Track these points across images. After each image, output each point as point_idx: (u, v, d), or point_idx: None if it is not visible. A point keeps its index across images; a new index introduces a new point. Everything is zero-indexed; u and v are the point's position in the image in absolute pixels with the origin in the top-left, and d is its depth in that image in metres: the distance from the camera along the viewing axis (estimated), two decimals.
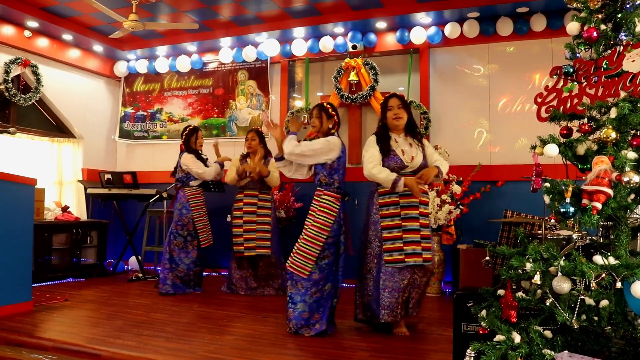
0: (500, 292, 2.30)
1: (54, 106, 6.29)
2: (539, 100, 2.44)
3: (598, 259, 1.99)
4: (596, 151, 2.23)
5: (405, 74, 5.65)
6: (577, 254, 2.06)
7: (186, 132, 5.01)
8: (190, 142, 4.99)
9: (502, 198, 5.06)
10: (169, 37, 6.36)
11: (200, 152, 5.05)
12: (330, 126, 3.54)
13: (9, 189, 3.82)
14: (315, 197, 3.49)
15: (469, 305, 2.47)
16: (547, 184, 2.22)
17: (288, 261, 3.43)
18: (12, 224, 3.83)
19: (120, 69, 6.99)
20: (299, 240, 3.42)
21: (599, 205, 2.02)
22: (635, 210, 2.13)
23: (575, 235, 2.26)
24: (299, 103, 6.26)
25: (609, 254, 2.05)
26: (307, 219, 3.47)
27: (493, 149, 5.30)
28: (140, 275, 5.66)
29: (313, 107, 3.64)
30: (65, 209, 5.89)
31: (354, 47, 5.69)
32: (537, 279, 2.04)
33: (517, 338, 2.02)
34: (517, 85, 5.26)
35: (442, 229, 4.92)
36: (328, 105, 3.59)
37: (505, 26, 5.19)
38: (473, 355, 2.07)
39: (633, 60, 2.15)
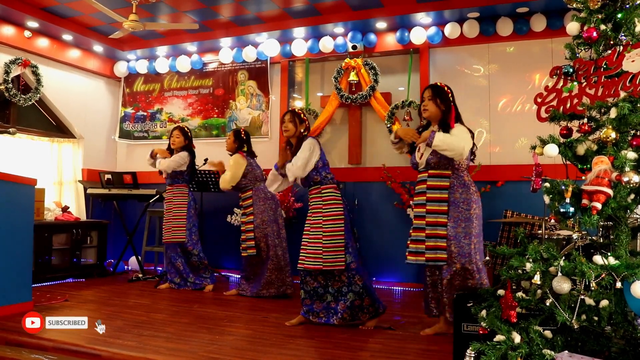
0: (500, 292, 2.30)
1: (54, 106, 6.29)
2: (539, 100, 2.44)
3: (598, 259, 1.99)
4: (596, 151, 2.23)
5: (405, 74, 5.65)
6: (577, 254, 2.06)
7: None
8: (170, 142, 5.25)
9: (502, 198, 5.06)
10: (169, 37, 6.36)
11: (173, 149, 5.20)
12: (302, 130, 3.82)
13: (9, 189, 3.82)
14: (314, 196, 3.72)
15: (469, 305, 2.47)
16: (547, 184, 2.23)
17: (317, 263, 3.55)
18: (12, 224, 3.82)
19: (120, 69, 6.99)
20: (314, 239, 3.60)
21: (598, 205, 2.02)
22: (635, 210, 2.13)
23: (575, 235, 2.27)
24: (299, 103, 6.26)
25: (609, 254, 2.05)
26: (312, 218, 3.68)
27: (493, 149, 5.30)
28: (140, 275, 5.66)
29: (285, 113, 3.91)
30: (65, 209, 5.89)
31: (354, 47, 5.69)
32: (537, 279, 2.05)
33: (517, 338, 2.02)
34: (517, 86, 5.26)
35: None
36: (299, 111, 3.92)
37: (505, 26, 5.19)
38: (473, 355, 2.07)
39: (633, 60, 2.16)
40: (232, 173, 4.75)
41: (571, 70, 2.38)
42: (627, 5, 2.32)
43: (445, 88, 3.42)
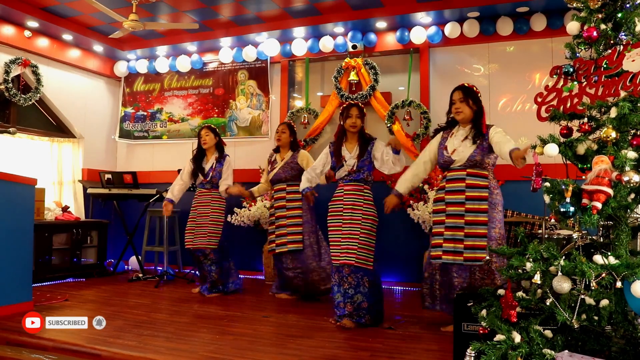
0: (501, 291, 2.30)
1: (54, 106, 6.29)
2: (539, 99, 2.43)
3: (598, 258, 1.99)
4: (596, 151, 2.22)
5: (406, 73, 5.64)
6: (577, 253, 2.06)
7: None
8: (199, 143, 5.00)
9: (502, 197, 5.04)
10: (169, 37, 6.36)
11: (205, 149, 4.97)
12: (363, 124, 3.88)
13: (9, 189, 3.82)
14: (354, 193, 3.73)
15: (469, 304, 2.47)
16: (547, 184, 2.22)
17: (350, 258, 3.56)
18: (12, 224, 3.83)
19: (120, 69, 6.99)
20: (353, 235, 3.61)
21: (599, 205, 2.01)
22: (635, 210, 2.13)
23: (575, 235, 2.26)
24: (299, 103, 6.26)
25: (609, 253, 2.05)
26: (351, 214, 3.67)
27: None
28: (140, 275, 5.66)
29: (350, 107, 3.82)
30: (65, 209, 5.89)
31: (354, 47, 5.68)
32: (537, 278, 2.04)
33: (517, 338, 2.02)
34: (517, 85, 5.26)
35: None
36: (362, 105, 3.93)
37: (505, 26, 5.19)
38: (473, 355, 2.07)
39: (633, 60, 2.15)
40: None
41: (571, 69, 2.37)
42: (627, 5, 2.32)
43: (474, 88, 3.43)
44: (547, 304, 2.07)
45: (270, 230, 4.78)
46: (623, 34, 2.32)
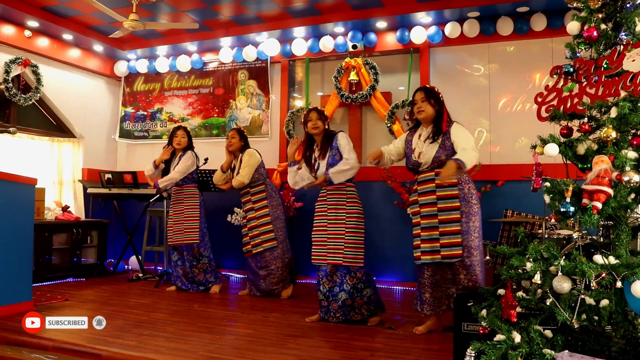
0: (501, 291, 2.30)
1: (54, 106, 6.29)
2: (539, 99, 2.44)
3: (598, 258, 1.99)
4: (596, 151, 2.23)
5: (406, 73, 5.64)
6: (577, 253, 2.06)
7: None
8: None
9: (503, 198, 5.06)
10: (169, 36, 6.36)
11: (176, 149, 5.13)
12: (326, 127, 3.88)
13: (9, 189, 3.82)
14: (335, 192, 3.75)
15: (469, 304, 2.47)
16: (548, 184, 2.22)
17: (338, 258, 3.64)
18: (12, 224, 3.82)
19: (121, 68, 6.99)
20: (338, 235, 3.67)
21: (599, 205, 2.02)
22: (635, 210, 2.13)
23: (575, 235, 2.27)
24: (299, 103, 6.26)
25: (609, 253, 2.05)
26: (333, 214, 3.72)
27: (493, 149, 5.30)
28: (140, 275, 5.66)
29: (310, 111, 3.90)
30: (65, 209, 5.89)
31: (354, 46, 5.68)
32: (537, 278, 2.05)
33: (517, 338, 2.02)
34: (517, 85, 5.26)
35: None
36: (321, 109, 4.00)
37: (505, 26, 5.19)
38: (473, 355, 2.07)
39: (633, 60, 2.16)
40: (250, 168, 4.70)
41: (571, 69, 2.38)
42: (627, 5, 2.32)
43: (436, 89, 3.52)
44: (547, 304, 2.07)
45: (243, 233, 4.84)
46: (623, 33, 2.32)
